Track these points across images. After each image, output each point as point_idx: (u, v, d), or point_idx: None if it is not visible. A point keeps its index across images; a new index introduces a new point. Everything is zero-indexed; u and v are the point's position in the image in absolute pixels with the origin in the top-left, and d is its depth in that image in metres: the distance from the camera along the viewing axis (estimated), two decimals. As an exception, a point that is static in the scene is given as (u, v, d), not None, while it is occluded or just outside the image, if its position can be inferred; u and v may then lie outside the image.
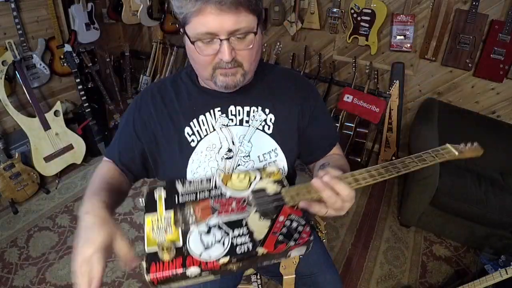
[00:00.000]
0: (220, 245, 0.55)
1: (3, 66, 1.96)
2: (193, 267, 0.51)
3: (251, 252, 0.54)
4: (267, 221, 0.60)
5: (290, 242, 0.56)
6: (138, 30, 3.25)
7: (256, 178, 0.69)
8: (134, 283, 1.68)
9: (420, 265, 1.82)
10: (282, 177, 0.69)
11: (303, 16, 2.43)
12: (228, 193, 0.66)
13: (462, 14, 1.93)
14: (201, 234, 0.57)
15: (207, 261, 0.52)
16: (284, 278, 0.91)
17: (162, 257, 0.52)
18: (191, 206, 0.63)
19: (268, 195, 0.65)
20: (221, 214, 0.61)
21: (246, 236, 0.57)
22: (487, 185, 1.81)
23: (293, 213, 0.61)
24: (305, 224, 0.59)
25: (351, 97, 2.30)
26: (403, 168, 0.60)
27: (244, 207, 0.63)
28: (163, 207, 0.63)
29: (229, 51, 0.63)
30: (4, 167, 1.98)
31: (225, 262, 0.52)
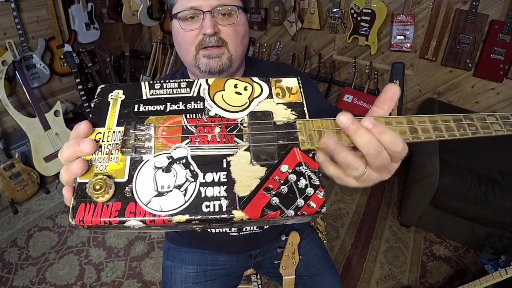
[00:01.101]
0: (180, 194, 0.37)
1: (3, 66, 1.96)
2: (133, 219, 0.35)
3: (222, 213, 0.36)
4: (262, 168, 0.38)
5: (289, 210, 0.36)
6: (138, 30, 3.25)
7: (262, 93, 0.45)
8: (134, 283, 1.68)
9: (420, 265, 1.82)
10: (302, 100, 0.44)
11: (303, 16, 2.43)
12: (213, 110, 0.43)
13: (462, 14, 1.93)
14: (157, 170, 0.38)
15: (155, 215, 0.35)
16: (284, 278, 0.91)
17: (93, 196, 0.36)
18: (153, 122, 0.41)
19: (274, 124, 0.41)
20: (194, 142, 0.40)
21: (222, 186, 0.37)
22: (487, 185, 1.81)
23: (305, 162, 0.39)
24: (319, 186, 0.38)
25: (351, 97, 2.30)
26: (482, 130, 0.41)
27: (231, 137, 0.40)
28: (115, 118, 0.42)
29: (211, 24, 0.63)
30: (4, 167, 1.98)
31: (181, 220, 0.35)
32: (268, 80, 0.46)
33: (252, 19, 2.60)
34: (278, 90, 0.45)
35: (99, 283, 1.67)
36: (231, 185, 0.37)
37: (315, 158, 0.39)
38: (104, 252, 1.84)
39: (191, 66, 0.71)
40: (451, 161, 1.95)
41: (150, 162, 0.38)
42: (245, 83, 0.45)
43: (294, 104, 0.43)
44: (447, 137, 0.40)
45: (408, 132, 0.39)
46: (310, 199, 0.37)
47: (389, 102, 0.39)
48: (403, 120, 0.40)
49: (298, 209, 0.36)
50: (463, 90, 2.17)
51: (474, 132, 0.41)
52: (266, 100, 0.44)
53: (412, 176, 1.89)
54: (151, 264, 1.77)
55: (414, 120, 0.40)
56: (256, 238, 0.87)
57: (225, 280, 0.94)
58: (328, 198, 2.26)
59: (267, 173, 0.38)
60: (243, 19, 0.68)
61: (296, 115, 0.42)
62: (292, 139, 0.40)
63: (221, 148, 0.39)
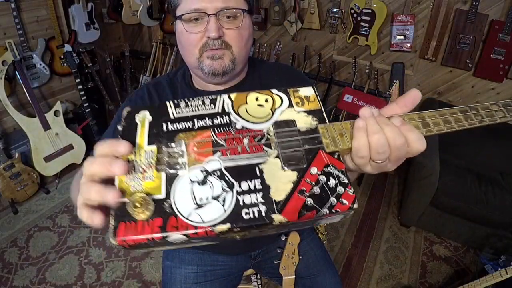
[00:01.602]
0: (219, 205, 0.38)
1: (3, 66, 1.96)
2: (176, 233, 0.35)
3: (263, 219, 0.37)
4: (293, 172, 0.40)
5: (323, 209, 0.38)
6: (138, 30, 3.25)
7: (282, 103, 0.46)
8: (134, 283, 1.68)
9: (420, 265, 1.82)
10: (320, 107, 0.46)
11: (303, 16, 2.43)
12: (239, 123, 0.44)
13: (462, 14, 1.93)
14: (193, 184, 0.39)
15: (197, 227, 0.36)
16: (284, 278, 0.91)
17: (133, 214, 0.36)
18: (183, 139, 0.42)
19: (298, 131, 0.43)
20: (225, 154, 0.41)
21: (258, 193, 0.38)
22: (487, 185, 1.81)
23: (332, 163, 0.41)
24: (348, 184, 0.40)
25: (351, 97, 2.30)
26: (488, 118, 0.45)
27: (260, 146, 0.42)
28: (145, 138, 0.42)
29: (216, 27, 0.63)
30: (4, 167, 1.98)
31: (223, 230, 0.36)
32: (287, 90, 0.47)
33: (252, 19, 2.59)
34: (297, 99, 0.47)
35: (99, 283, 1.67)
36: (267, 191, 0.38)
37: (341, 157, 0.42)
38: (104, 252, 1.84)
39: (194, 68, 0.71)
40: (451, 161, 1.95)
41: (185, 176, 0.39)
42: (265, 95, 0.47)
43: (313, 111, 0.45)
44: (457, 128, 0.43)
45: (421, 126, 0.43)
46: (341, 197, 0.39)
47: (410, 105, 0.43)
48: (414, 116, 0.43)
49: (332, 207, 0.38)
50: (463, 90, 2.17)
51: (480, 120, 0.44)
52: (287, 110, 0.45)
53: (412, 176, 1.89)
54: (151, 264, 1.77)
55: (425, 115, 0.44)
56: (256, 238, 0.87)
57: (225, 281, 0.94)
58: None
59: (298, 177, 0.40)
60: (248, 22, 0.68)
61: (317, 121, 0.44)
62: (317, 143, 0.42)
63: (252, 157, 0.41)
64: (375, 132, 0.39)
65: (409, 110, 0.43)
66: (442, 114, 0.44)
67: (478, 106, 0.46)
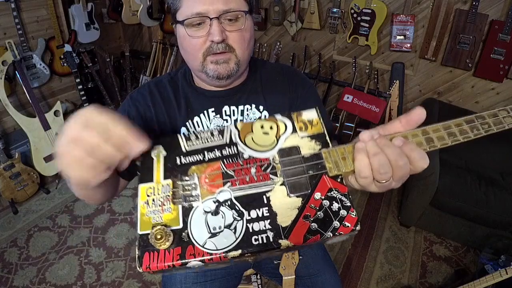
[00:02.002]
0: (231, 233, 0.41)
1: (3, 66, 1.96)
2: (194, 260, 0.39)
3: (271, 244, 0.39)
4: (298, 199, 0.42)
5: (327, 233, 0.40)
6: (138, 30, 3.25)
7: (286, 129, 0.48)
8: (134, 283, 1.68)
9: (420, 265, 1.82)
10: (323, 130, 0.47)
11: (303, 16, 2.43)
12: (246, 152, 0.47)
13: (462, 14, 1.93)
14: (206, 214, 0.42)
15: (212, 253, 0.39)
16: (284, 278, 0.91)
17: (156, 245, 0.40)
18: (195, 172, 0.46)
19: (302, 157, 0.45)
20: (235, 184, 0.44)
21: (266, 220, 0.41)
22: (487, 185, 1.81)
23: (335, 187, 0.43)
24: (351, 207, 0.42)
25: (351, 97, 2.30)
26: (495, 126, 0.44)
27: (267, 175, 0.44)
28: (161, 172, 0.46)
29: (219, 30, 0.62)
30: (4, 167, 1.98)
31: (235, 255, 0.39)
32: (290, 116, 0.49)
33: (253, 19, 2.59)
34: (301, 124, 0.48)
35: (99, 283, 1.67)
36: (274, 218, 0.41)
37: (344, 180, 0.44)
38: (104, 252, 1.84)
39: (198, 71, 0.71)
40: (451, 161, 1.95)
41: (199, 208, 0.43)
42: (270, 122, 0.49)
43: (317, 135, 0.47)
44: (462, 140, 0.43)
45: (424, 143, 0.43)
46: (344, 220, 0.41)
47: (414, 124, 0.43)
48: (418, 132, 0.43)
49: (336, 230, 0.40)
50: (463, 90, 2.17)
51: (487, 130, 0.43)
52: (291, 136, 0.47)
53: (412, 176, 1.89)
54: (151, 264, 1.77)
55: (429, 130, 0.43)
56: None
57: (225, 280, 0.94)
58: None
59: (303, 203, 0.42)
60: (249, 23, 0.68)
61: (320, 145, 0.46)
62: (320, 169, 0.44)
63: (260, 186, 0.44)
64: (376, 153, 0.40)
65: (412, 128, 0.43)
66: (447, 127, 0.43)
67: (485, 114, 0.44)
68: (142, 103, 0.76)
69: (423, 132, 0.43)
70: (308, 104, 0.79)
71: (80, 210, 2.11)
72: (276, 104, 0.80)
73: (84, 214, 2.08)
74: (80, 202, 2.17)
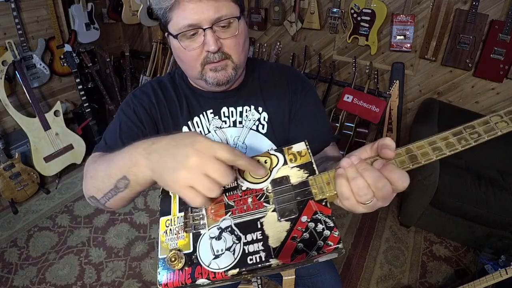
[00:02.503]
0: (230, 254, 0.48)
1: (3, 66, 1.96)
2: (201, 278, 0.47)
3: (263, 263, 0.46)
4: (287, 222, 0.48)
5: (312, 252, 0.45)
6: (138, 30, 3.25)
7: (278, 162, 0.55)
8: (134, 283, 1.68)
9: (420, 265, 1.82)
10: (311, 159, 0.53)
11: (303, 16, 2.43)
12: (244, 185, 0.54)
13: (462, 14, 1.93)
14: (211, 239, 0.50)
15: (215, 272, 0.46)
16: (284, 279, 0.91)
17: (171, 266, 0.48)
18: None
19: (292, 185, 0.51)
20: (234, 213, 0.52)
21: (259, 242, 0.47)
22: (487, 185, 1.81)
23: (320, 210, 0.48)
24: (334, 227, 0.46)
25: (351, 97, 2.30)
26: (486, 133, 0.43)
27: (261, 203, 0.51)
28: (177, 207, 0.55)
29: (214, 40, 0.62)
30: (4, 167, 1.98)
31: (234, 274, 0.46)
32: (282, 150, 0.55)
33: (252, 19, 2.60)
34: (291, 156, 0.55)
35: (99, 283, 1.67)
36: (266, 240, 0.47)
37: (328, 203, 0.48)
38: (104, 252, 1.84)
39: (196, 79, 0.71)
40: (451, 161, 1.95)
41: (206, 234, 0.51)
42: (264, 157, 0.56)
43: (305, 164, 0.53)
44: (448, 153, 0.44)
45: (407, 161, 0.45)
46: (328, 239, 0.45)
47: (383, 154, 0.45)
48: (401, 151, 0.46)
49: (320, 249, 0.45)
50: (463, 90, 2.17)
51: (476, 139, 0.43)
52: (282, 167, 0.54)
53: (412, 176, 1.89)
54: (151, 264, 1.77)
55: (412, 148, 0.45)
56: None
57: (225, 280, 0.94)
58: (328, 198, 2.25)
59: (291, 226, 0.48)
60: (242, 26, 0.67)
61: (308, 173, 0.51)
62: (307, 194, 0.49)
63: (255, 213, 0.51)
64: (354, 178, 0.43)
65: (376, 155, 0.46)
66: (431, 142, 0.45)
67: (476, 123, 0.44)
68: (146, 101, 0.76)
69: (407, 150, 0.46)
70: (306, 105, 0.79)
71: (80, 210, 2.11)
72: (275, 105, 0.79)
73: (84, 214, 2.08)
74: (80, 202, 2.17)
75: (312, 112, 0.80)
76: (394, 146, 0.44)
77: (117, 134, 0.72)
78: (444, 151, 0.44)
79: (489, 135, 0.43)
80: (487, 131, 0.43)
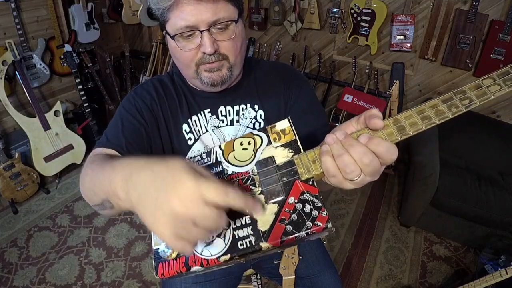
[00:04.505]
0: (221, 241, 0.47)
1: (3, 66, 1.96)
2: (195, 266, 0.47)
3: (254, 247, 0.45)
4: (274, 205, 0.47)
5: (301, 233, 0.44)
6: (138, 30, 3.25)
7: (262, 142, 0.53)
8: (134, 283, 1.68)
9: (420, 265, 1.82)
10: (295, 137, 0.51)
11: (303, 16, 2.43)
12: (230, 169, 0.52)
13: (462, 14, 1.93)
14: None
15: (208, 259, 0.47)
16: (284, 279, 0.91)
17: (165, 256, 0.48)
18: None
19: (277, 166, 0.50)
20: None
21: (248, 227, 0.47)
22: (487, 185, 1.81)
23: (307, 190, 0.47)
24: (321, 207, 0.45)
25: (351, 97, 2.30)
26: (478, 98, 0.41)
27: (248, 186, 0.50)
28: None
29: (210, 43, 0.62)
30: (4, 167, 1.98)
31: (226, 259, 0.46)
32: (265, 129, 0.53)
33: (252, 19, 2.60)
34: (275, 135, 0.53)
35: (99, 283, 1.67)
36: (255, 224, 0.47)
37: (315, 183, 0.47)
38: (104, 252, 1.84)
39: (192, 79, 0.72)
40: (451, 161, 1.95)
41: None
42: (248, 138, 0.54)
43: (289, 143, 0.51)
44: (438, 122, 0.41)
45: (395, 133, 0.43)
46: (316, 220, 0.44)
47: (371, 125, 0.43)
48: (389, 122, 0.43)
49: (308, 229, 0.44)
50: (463, 90, 2.17)
51: (468, 105, 0.41)
52: (267, 148, 0.52)
53: (412, 176, 1.89)
54: (151, 264, 1.77)
55: (400, 119, 0.43)
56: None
57: (224, 280, 0.94)
58: (328, 198, 2.26)
59: (279, 208, 0.47)
60: (240, 28, 0.67)
61: (293, 152, 0.50)
62: (293, 174, 0.48)
63: None
64: (340, 155, 0.41)
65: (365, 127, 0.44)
66: (420, 111, 0.42)
67: (467, 88, 0.42)
68: (148, 98, 0.76)
69: (394, 121, 0.43)
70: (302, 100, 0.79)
71: (80, 210, 2.11)
72: (271, 102, 0.80)
73: (84, 214, 2.08)
74: (80, 202, 2.17)
75: (308, 107, 0.80)
76: (382, 116, 0.43)
77: (119, 130, 0.71)
78: (434, 119, 0.41)
79: (481, 100, 0.41)
80: (479, 96, 0.41)
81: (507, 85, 0.40)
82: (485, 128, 2.04)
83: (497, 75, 0.41)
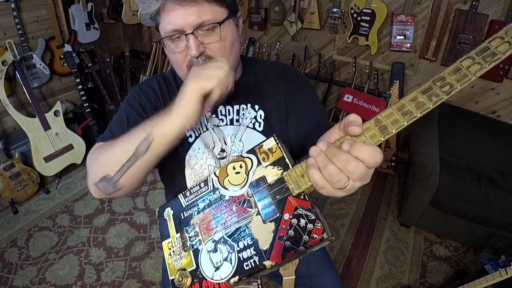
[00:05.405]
0: (228, 263, 0.51)
1: (3, 66, 1.96)
2: None
3: (258, 266, 0.48)
4: (271, 223, 0.49)
5: (299, 247, 0.45)
6: (138, 30, 3.25)
7: (253, 164, 0.54)
8: (134, 283, 1.68)
9: (420, 265, 1.82)
10: (282, 154, 0.51)
11: (303, 16, 2.43)
12: (227, 194, 0.55)
13: (462, 14, 1.93)
14: (209, 253, 0.53)
15: (219, 283, 0.50)
16: (284, 279, 0.91)
17: (181, 285, 0.53)
18: (195, 221, 0.58)
19: (269, 185, 0.51)
20: (223, 224, 0.54)
21: (251, 247, 0.49)
22: (487, 185, 1.81)
23: (300, 205, 0.48)
24: (315, 219, 0.46)
25: (351, 97, 2.30)
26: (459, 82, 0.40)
27: (245, 209, 0.52)
28: (174, 228, 0.60)
29: (195, 46, 0.63)
30: (4, 167, 1.98)
31: (235, 281, 0.49)
32: (253, 150, 0.55)
33: (252, 19, 2.60)
34: (263, 155, 0.54)
35: (99, 283, 1.67)
36: (257, 244, 0.49)
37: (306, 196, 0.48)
38: (104, 252, 1.84)
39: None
40: (451, 161, 1.95)
41: (204, 249, 0.55)
42: (239, 162, 0.56)
43: (277, 160, 0.52)
44: (419, 115, 0.40)
45: (378, 134, 0.42)
46: (312, 233, 0.45)
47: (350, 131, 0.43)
48: (370, 124, 0.42)
49: (306, 243, 0.45)
50: (463, 90, 2.12)
51: (448, 91, 0.40)
52: (257, 168, 0.53)
53: (412, 176, 1.89)
54: (151, 264, 1.77)
55: (381, 118, 0.42)
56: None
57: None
58: (328, 199, 2.26)
59: (276, 226, 0.49)
60: (229, 28, 0.67)
61: (282, 169, 0.51)
62: (284, 191, 0.49)
63: (241, 220, 0.53)
64: (324, 166, 0.42)
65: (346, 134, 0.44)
66: (400, 107, 0.41)
67: (445, 73, 0.40)
68: (152, 95, 0.78)
69: (376, 121, 0.42)
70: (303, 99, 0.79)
71: (80, 210, 2.11)
72: (272, 103, 0.80)
73: (84, 214, 2.08)
74: (80, 202, 2.17)
75: (309, 106, 0.80)
76: (360, 121, 0.42)
77: (125, 125, 0.72)
78: (415, 113, 0.40)
79: (462, 83, 0.39)
80: (460, 79, 0.39)
81: (487, 62, 0.38)
82: (485, 128, 2.04)
83: (475, 53, 0.39)
